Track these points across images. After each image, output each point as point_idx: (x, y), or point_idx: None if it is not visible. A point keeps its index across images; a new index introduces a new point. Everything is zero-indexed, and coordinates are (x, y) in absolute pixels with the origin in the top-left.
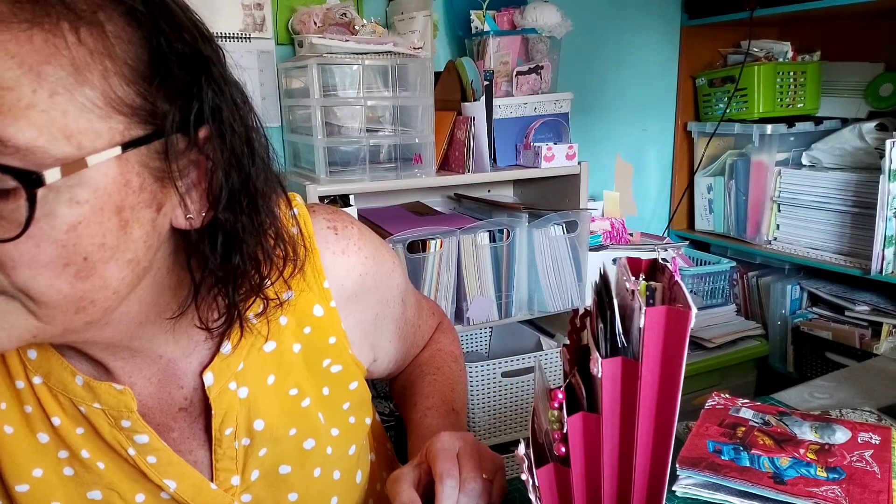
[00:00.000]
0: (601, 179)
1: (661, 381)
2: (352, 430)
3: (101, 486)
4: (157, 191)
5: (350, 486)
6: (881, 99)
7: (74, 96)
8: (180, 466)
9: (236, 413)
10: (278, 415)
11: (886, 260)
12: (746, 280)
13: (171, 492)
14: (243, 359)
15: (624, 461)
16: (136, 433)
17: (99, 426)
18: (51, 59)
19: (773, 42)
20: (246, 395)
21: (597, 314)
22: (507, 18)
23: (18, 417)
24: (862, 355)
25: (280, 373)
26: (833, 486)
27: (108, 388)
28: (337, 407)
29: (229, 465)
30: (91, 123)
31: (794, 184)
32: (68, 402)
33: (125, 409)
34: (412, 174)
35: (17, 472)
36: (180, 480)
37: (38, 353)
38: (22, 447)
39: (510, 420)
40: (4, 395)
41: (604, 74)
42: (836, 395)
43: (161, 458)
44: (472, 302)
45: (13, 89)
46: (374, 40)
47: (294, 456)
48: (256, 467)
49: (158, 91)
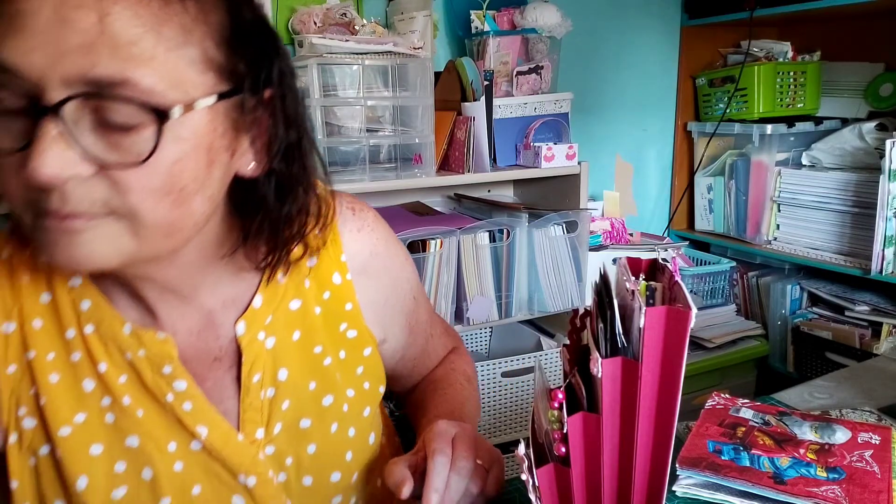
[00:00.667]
0: (601, 179)
1: (661, 381)
2: (366, 394)
3: (138, 433)
4: (232, 139)
5: (363, 444)
6: (881, 99)
7: (182, 53)
8: (212, 414)
9: (263, 361)
10: (300, 368)
11: (886, 260)
12: (746, 280)
13: (202, 440)
14: (272, 312)
15: (624, 461)
16: (175, 379)
17: (142, 372)
18: (166, 23)
19: (773, 42)
20: (272, 345)
21: (597, 314)
22: (507, 18)
23: (65, 366)
24: (862, 355)
25: (304, 330)
26: (833, 486)
27: (153, 336)
28: (352, 370)
29: (255, 416)
30: (194, 76)
31: (794, 184)
32: (115, 350)
33: (167, 356)
34: (412, 174)
35: (61, 417)
36: (211, 428)
37: (91, 304)
38: (66, 394)
39: (510, 420)
40: (54, 345)
41: (604, 74)
42: (836, 395)
43: (195, 405)
44: (472, 302)
45: (138, 44)
46: (374, 40)
47: (313, 410)
48: (279, 420)
49: (238, 55)
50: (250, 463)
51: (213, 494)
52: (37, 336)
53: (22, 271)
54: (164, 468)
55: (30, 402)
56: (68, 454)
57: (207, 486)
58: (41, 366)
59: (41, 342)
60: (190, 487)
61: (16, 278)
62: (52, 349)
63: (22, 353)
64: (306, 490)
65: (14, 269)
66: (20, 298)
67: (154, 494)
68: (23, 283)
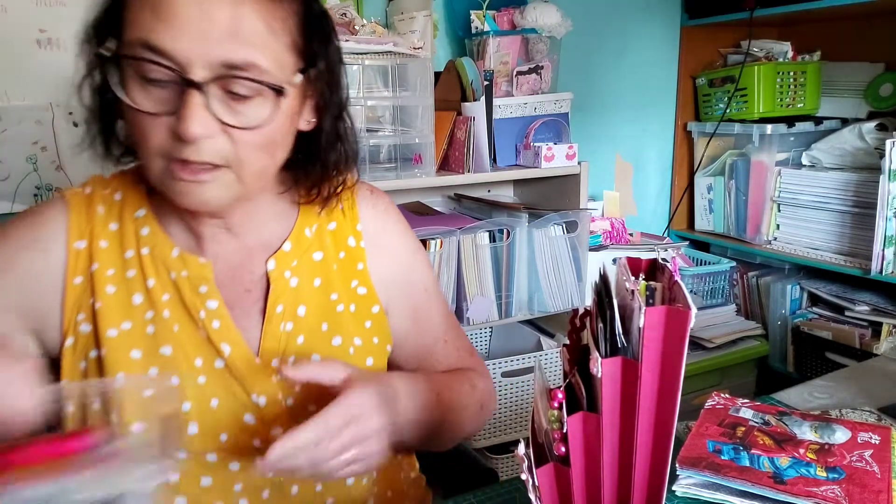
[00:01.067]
0: (601, 179)
1: (660, 381)
2: (373, 347)
3: (172, 344)
4: (301, 103)
5: None
6: (881, 99)
7: (282, 40)
8: (236, 335)
9: (287, 295)
10: (316, 309)
11: (886, 260)
12: (746, 280)
13: (225, 357)
14: (297, 258)
15: (624, 461)
16: (209, 298)
17: (182, 290)
18: (273, 16)
19: (773, 42)
20: (296, 284)
21: (597, 314)
22: (507, 18)
23: (121, 281)
24: (862, 355)
25: (323, 279)
26: (833, 486)
27: (195, 260)
28: (361, 322)
29: (273, 345)
30: (288, 57)
31: (794, 184)
32: (163, 270)
33: (204, 277)
34: (412, 174)
35: (111, 322)
36: (234, 347)
37: (150, 230)
38: (118, 304)
39: (510, 420)
40: (114, 263)
41: (604, 74)
42: (836, 395)
43: (223, 324)
44: (472, 302)
45: (259, 35)
46: (374, 40)
47: (323, 347)
48: (293, 352)
49: (310, 37)
50: (264, 384)
51: (228, 408)
52: (102, 253)
53: (98, 204)
54: (189, 377)
55: (88, 311)
56: (112, 353)
57: (224, 401)
58: (101, 278)
59: (104, 259)
60: (209, 399)
61: (92, 208)
62: (113, 266)
63: (88, 266)
64: (310, 415)
65: (92, 202)
66: (92, 223)
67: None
68: (97, 213)
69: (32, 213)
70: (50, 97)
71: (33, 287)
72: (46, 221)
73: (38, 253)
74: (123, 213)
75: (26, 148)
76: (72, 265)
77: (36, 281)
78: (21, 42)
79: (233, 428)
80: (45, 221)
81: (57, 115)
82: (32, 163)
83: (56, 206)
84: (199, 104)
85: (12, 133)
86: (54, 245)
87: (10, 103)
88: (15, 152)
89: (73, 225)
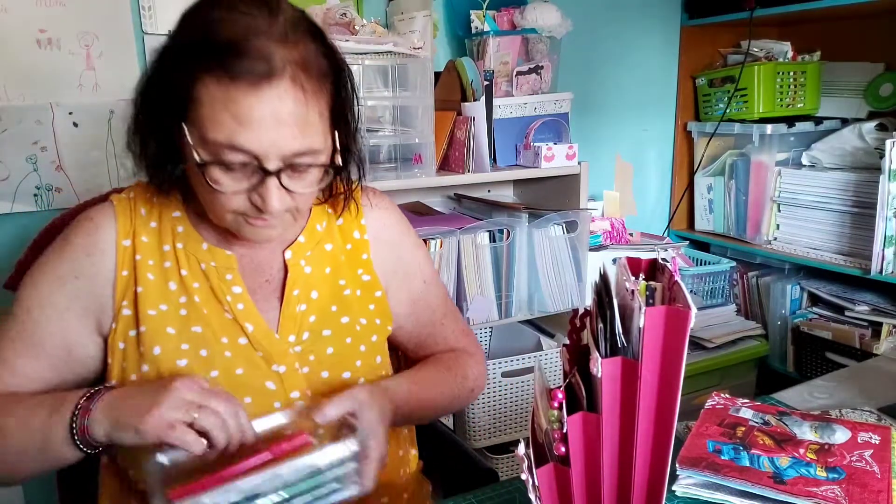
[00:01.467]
0: (601, 179)
1: (661, 381)
2: (376, 326)
3: (201, 324)
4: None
5: (371, 360)
6: (881, 99)
7: (324, 121)
8: (257, 316)
9: (302, 281)
10: (327, 293)
11: (886, 260)
12: (746, 280)
13: (248, 334)
14: (311, 249)
15: (624, 461)
16: (234, 285)
17: (211, 278)
18: (320, 103)
19: (773, 42)
20: (309, 272)
21: (597, 314)
22: (507, 18)
23: (159, 270)
24: (862, 355)
25: (333, 267)
26: (833, 486)
27: (223, 252)
28: (365, 305)
29: (290, 324)
30: (328, 126)
31: (794, 184)
32: (195, 261)
33: (230, 267)
34: (412, 174)
35: (151, 303)
36: (256, 326)
37: (184, 228)
38: (157, 289)
39: (510, 420)
40: (154, 255)
41: (604, 74)
42: (836, 395)
43: (246, 307)
44: (472, 302)
45: (315, 126)
46: (374, 40)
47: (333, 324)
48: (307, 329)
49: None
50: (282, 354)
51: (251, 376)
52: (143, 247)
53: (140, 206)
54: (217, 351)
55: (131, 296)
56: (150, 329)
57: (247, 370)
58: (143, 267)
59: (146, 251)
60: (234, 368)
61: (135, 210)
62: (152, 258)
63: (132, 258)
64: (323, 382)
65: (135, 204)
66: (135, 222)
67: (207, 367)
68: (140, 214)
69: (86, 219)
70: (50, 97)
71: (95, 285)
72: (100, 226)
73: (97, 256)
74: (162, 214)
75: (26, 148)
76: (120, 260)
77: (97, 280)
78: (21, 42)
79: (256, 393)
80: (99, 227)
81: (57, 115)
82: (32, 163)
83: (106, 212)
84: (276, 186)
85: (12, 133)
86: (107, 246)
87: (10, 103)
88: (15, 152)
89: (120, 226)
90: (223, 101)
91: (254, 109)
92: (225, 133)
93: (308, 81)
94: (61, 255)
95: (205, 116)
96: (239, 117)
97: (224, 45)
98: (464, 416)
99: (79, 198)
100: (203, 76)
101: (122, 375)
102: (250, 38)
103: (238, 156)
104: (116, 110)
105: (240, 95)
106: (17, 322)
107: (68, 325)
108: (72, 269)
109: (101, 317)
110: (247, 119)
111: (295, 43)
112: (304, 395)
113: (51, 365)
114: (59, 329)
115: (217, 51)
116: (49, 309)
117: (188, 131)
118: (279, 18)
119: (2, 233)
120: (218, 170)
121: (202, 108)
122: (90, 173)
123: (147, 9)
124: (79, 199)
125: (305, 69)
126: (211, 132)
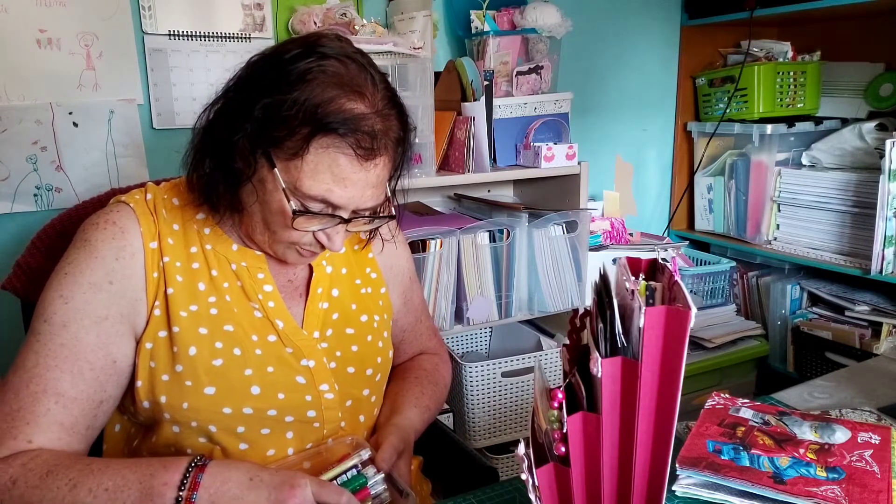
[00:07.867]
0: (601, 179)
1: (661, 381)
2: (385, 324)
3: (232, 323)
4: None
5: (387, 356)
6: (881, 99)
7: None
8: (286, 313)
9: (324, 280)
10: (347, 291)
11: (886, 260)
12: (746, 280)
13: (278, 331)
14: None
15: (624, 461)
16: (265, 283)
17: (242, 278)
18: (387, 169)
19: (773, 42)
20: (330, 272)
21: (597, 314)
22: (507, 18)
23: (187, 272)
24: (862, 355)
25: (349, 267)
26: (833, 486)
27: (252, 253)
28: (375, 301)
29: (314, 320)
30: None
31: (794, 184)
32: (225, 262)
33: (260, 267)
34: (412, 174)
35: (181, 305)
36: (285, 322)
37: (210, 231)
38: (186, 290)
39: (510, 420)
40: (180, 257)
41: (604, 74)
42: (836, 395)
43: (276, 304)
44: (472, 302)
45: (384, 182)
46: (374, 40)
47: (354, 322)
48: (330, 326)
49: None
50: (311, 350)
51: (282, 373)
52: (170, 248)
53: (161, 208)
54: (249, 349)
55: (161, 298)
56: (184, 331)
57: (278, 367)
58: (172, 269)
59: (173, 253)
60: (266, 366)
61: (158, 213)
62: (179, 259)
63: (160, 260)
64: (349, 377)
65: (157, 208)
66: (159, 225)
67: (241, 366)
68: (161, 215)
69: (108, 224)
70: (50, 97)
71: (128, 289)
72: (126, 230)
73: (128, 259)
74: (184, 216)
75: (26, 148)
76: (149, 262)
77: (130, 284)
78: (21, 42)
79: (288, 388)
80: (125, 230)
81: (57, 115)
82: (32, 163)
83: (127, 214)
84: (343, 229)
85: (12, 133)
86: (136, 249)
87: (10, 103)
88: (15, 152)
89: (144, 228)
90: (328, 163)
91: (353, 175)
92: (321, 189)
93: (392, 151)
94: (89, 262)
95: (304, 170)
96: (337, 178)
97: (342, 119)
98: (464, 416)
99: (79, 198)
100: (318, 136)
101: (149, 375)
102: (362, 116)
103: (321, 205)
104: (116, 110)
105: (345, 161)
106: (50, 340)
107: (108, 334)
108: (105, 275)
109: (136, 320)
110: (343, 181)
111: (388, 117)
112: (332, 389)
113: (96, 380)
114: (101, 340)
115: (334, 122)
116: (87, 319)
117: (280, 174)
118: (378, 88)
119: (2, 233)
120: (304, 216)
121: (304, 162)
122: (90, 173)
123: (147, 9)
124: (78, 199)
125: (394, 142)
126: (307, 184)
